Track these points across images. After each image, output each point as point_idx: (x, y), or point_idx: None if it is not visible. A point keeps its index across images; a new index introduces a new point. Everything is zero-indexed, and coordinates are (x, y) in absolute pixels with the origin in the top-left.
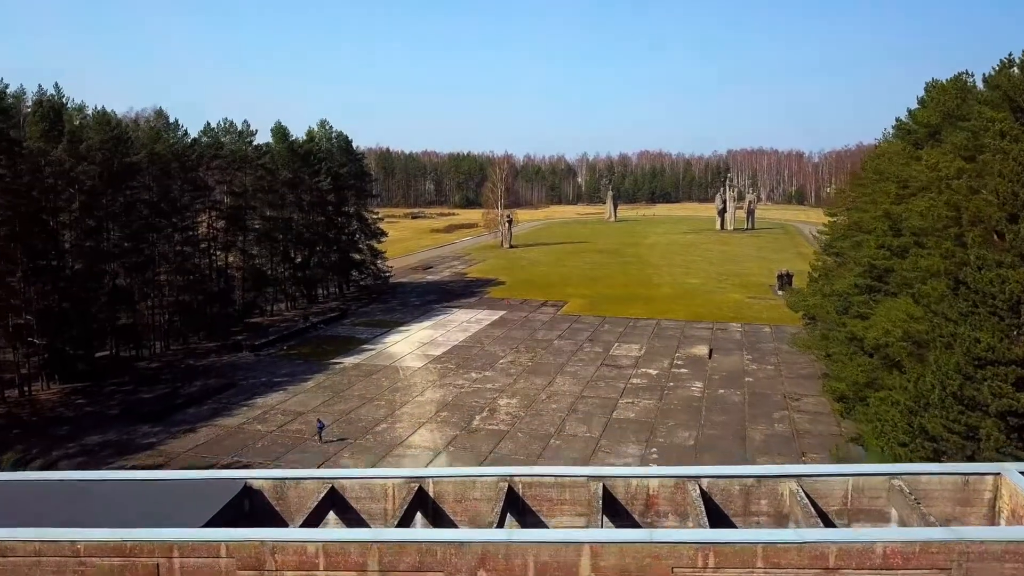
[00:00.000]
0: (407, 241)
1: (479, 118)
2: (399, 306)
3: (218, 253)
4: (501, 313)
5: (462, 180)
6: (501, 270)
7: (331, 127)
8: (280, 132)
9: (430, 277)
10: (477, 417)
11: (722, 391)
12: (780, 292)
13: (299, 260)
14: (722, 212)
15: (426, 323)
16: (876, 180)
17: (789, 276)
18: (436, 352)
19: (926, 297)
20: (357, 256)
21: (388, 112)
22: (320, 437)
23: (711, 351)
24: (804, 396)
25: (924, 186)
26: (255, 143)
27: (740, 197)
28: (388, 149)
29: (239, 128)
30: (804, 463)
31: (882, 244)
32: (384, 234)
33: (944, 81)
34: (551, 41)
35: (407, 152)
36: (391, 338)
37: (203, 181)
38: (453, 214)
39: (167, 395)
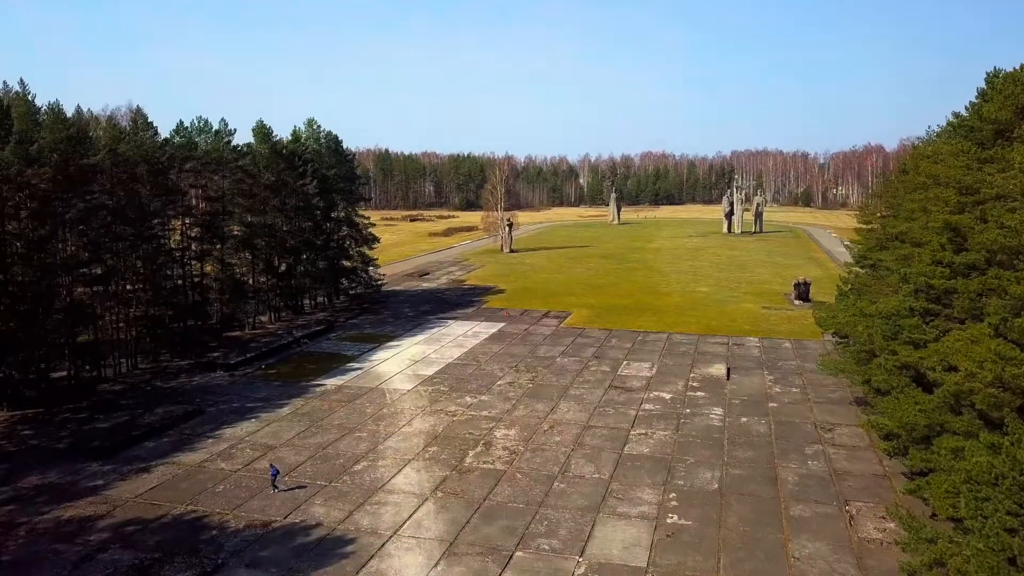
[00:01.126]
0: (404, 245)
1: (480, 119)
2: (391, 317)
3: (193, 263)
4: (500, 325)
5: (462, 182)
6: (500, 277)
7: (319, 126)
8: (262, 131)
9: (425, 284)
10: (471, 453)
11: (745, 419)
12: (797, 302)
13: (283, 269)
14: (729, 215)
15: (419, 337)
16: (930, 185)
17: (806, 284)
18: (428, 371)
19: (1020, 332)
20: (347, 263)
21: (387, 112)
22: (274, 485)
23: (729, 370)
24: (837, 426)
25: (1001, 194)
26: (234, 143)
27: (746, 199)
28: (387, 150)
29: (215, 127)
30: (848, 511)
31: (939, 260)
32: (376, 239)
33: (1013, 70)
34: (553, 41)
35: (406, 153)
36: (379, 355)
37: (175, 185)
38: (452, 216)
39: (124, 425)
